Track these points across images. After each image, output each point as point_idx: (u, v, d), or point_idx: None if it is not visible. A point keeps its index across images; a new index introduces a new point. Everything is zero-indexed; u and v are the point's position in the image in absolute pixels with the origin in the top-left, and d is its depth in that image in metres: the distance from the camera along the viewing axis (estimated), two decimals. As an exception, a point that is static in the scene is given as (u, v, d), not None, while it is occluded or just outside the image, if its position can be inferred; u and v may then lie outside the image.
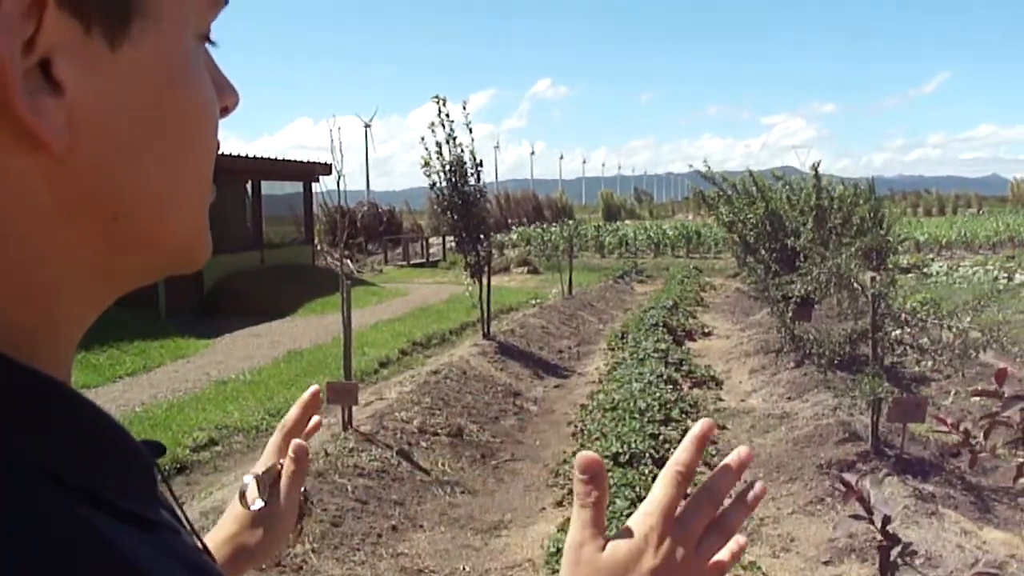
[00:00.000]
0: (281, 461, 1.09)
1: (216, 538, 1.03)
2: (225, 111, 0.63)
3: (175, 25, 0.53)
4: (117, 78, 0.49)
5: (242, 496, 1.04)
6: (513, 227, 44.92)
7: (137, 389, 11.66)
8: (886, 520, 2.54)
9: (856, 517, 2.57)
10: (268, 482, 1.06)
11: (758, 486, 0.84)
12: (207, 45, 0.60)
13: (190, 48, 0.55)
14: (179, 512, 0.65)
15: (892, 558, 2.50)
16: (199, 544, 0.65)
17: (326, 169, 25.99)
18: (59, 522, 0.45)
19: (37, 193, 0.48)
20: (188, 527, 0.65)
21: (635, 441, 7.71)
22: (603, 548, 0.79)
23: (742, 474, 0.83)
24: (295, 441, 1.09)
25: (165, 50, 0.52)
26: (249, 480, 1.05)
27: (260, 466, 1.09)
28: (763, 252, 13.46)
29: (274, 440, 1.14)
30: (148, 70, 0.51)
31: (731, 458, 0.82)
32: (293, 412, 1.15)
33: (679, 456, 0.82)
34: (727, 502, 0.83)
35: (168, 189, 0.55)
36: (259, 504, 1.03)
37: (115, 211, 0.52)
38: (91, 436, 0.51)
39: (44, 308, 0.52)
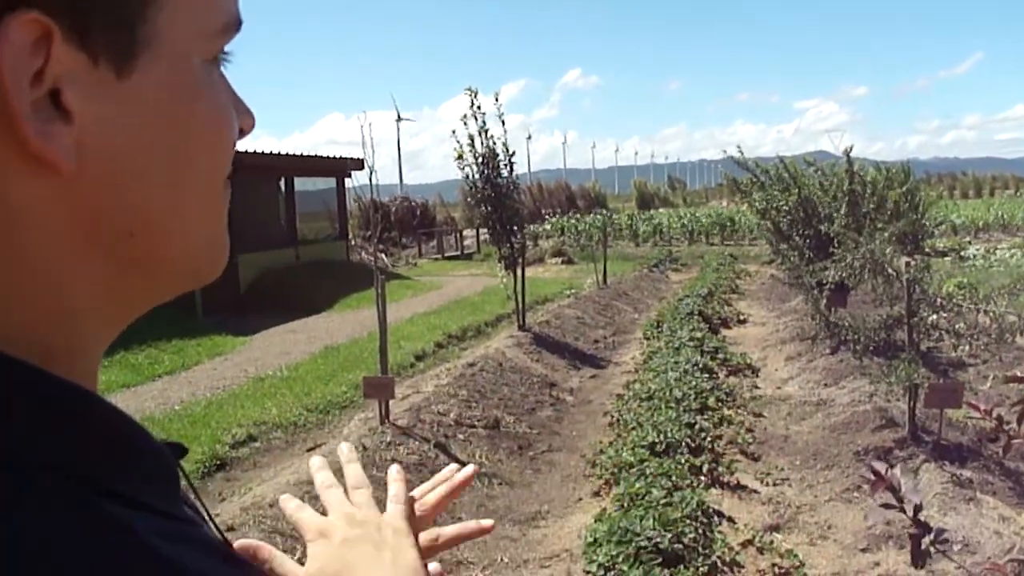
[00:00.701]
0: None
1: None
2: (242, 132, 0.65)
3: (181, 54, 0.56)
4: (124, 105, 0.53)
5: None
6: (547, 217, 44.81)
7: (176, 387, 11.78)
8: (917, 508, 2.56)
9: (886, 506, 2.58)
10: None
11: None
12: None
13: (197, 73, 0.58)
14: (202, 510, 0.69)
15: (924, 546, 2.51)
16: (222, 539, 0.68)
17: (358, 164, 26.05)
18: (92, 521, 0.48)
19: (53, 216, 0.51)
20: (213, 525, 0.68)
21: (671, 430, 7.71)
22: None
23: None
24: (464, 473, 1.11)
25: (171, 77, 0.55)
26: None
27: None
28: (797, 238, 13.40)
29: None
30: (154, 96, 0.54)
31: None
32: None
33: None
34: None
35: (180, 206, 0.58)
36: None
37: (129, 229, 0.55)
38: (117, 441, 0.54)
39: (68, 329, 0.55)
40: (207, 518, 0.68)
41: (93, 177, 0.52)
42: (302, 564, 0.78)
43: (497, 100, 13.14)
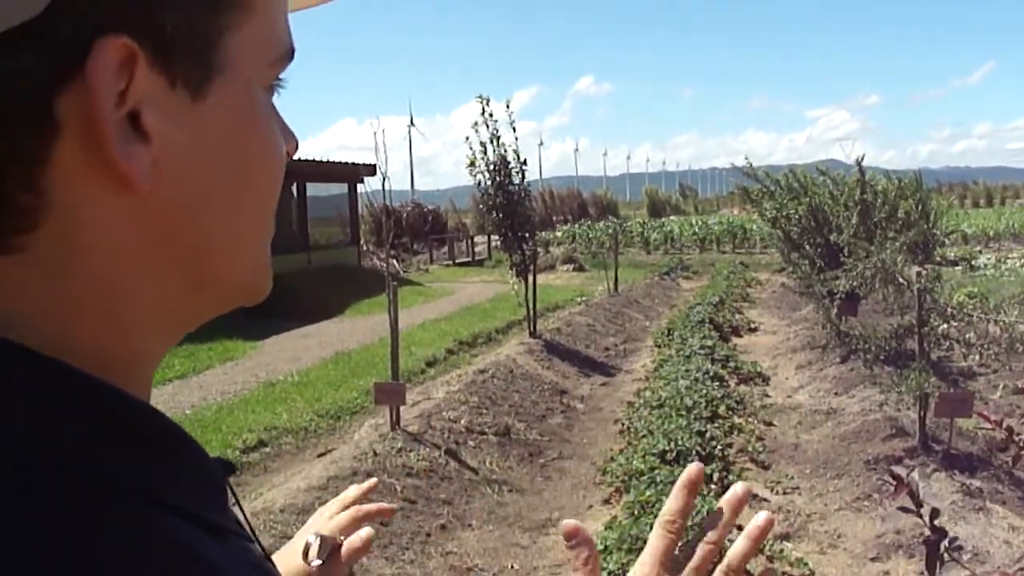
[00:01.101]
0: (342, 537, 1.17)
1: None
2: (288, 156, 0.67)
3: (248, 80, 0.58)
4: (197, 127, 0.55)
5: (306, 551, 1.12)
6: (558, 224, 44.88)
7: (187, 391, 11.82)
8: (934, 513, 2.57)
9: (905, 510, 2.59)
10: (329, 546, 1.14)
11: (762, 517, 0.88)
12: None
13: (259, 100, 0.60)
14: (246, 525, 0.70)
15: (940, 551, 2.53)
16: (264, 554, 0.71)
17: (370, 170, 26.13)
18: (160, 536, 0.50)
19: (124, 234, 0.53)
20: (255, 539, 0.70)
21: (682, 438, 7.73)
22: None
23: (741, 509, 0.89)
24: (367, 529, 1.19)
25: (239, 102, 0.58)
26: (314, 539, 1.13)
27: (317, 529, 1.18)
28: (808, 248, 13.39)
29: (330, 509, 1.24)
30: (224, 120, 0.57)
31: (726, 498, 0.90)
32: (355, 491, 1.27)
33: (668, 505, 0.89)
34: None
35: (240, 228, 0.61)
36: (318, 563, 1.11)
37: (195, 250, 0.58)
38: (181, 458, 0.56)
39: (128, 345, 0.57)
40: (248, 531, 0.70)
41: (164, 198, 0.54)
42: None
43: (508, 107, 13.17)
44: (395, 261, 27.07)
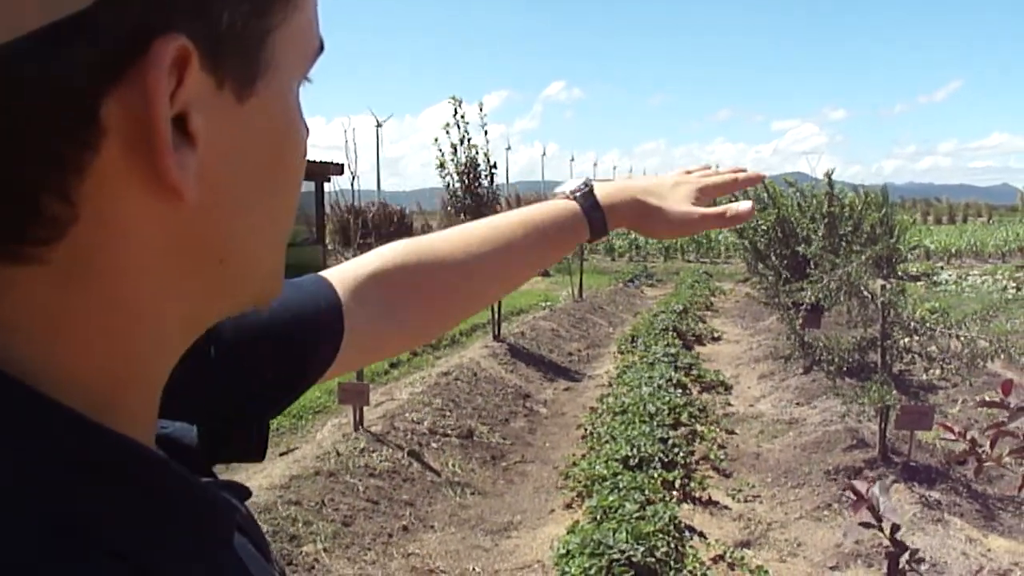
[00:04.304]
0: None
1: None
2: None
3: (287, 79, 0.56)
4: (238, 129, 0.52)
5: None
6: (523, 229, 44.71)
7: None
8: (895, 528, 2.60)
9: (866, 525, 2.62)
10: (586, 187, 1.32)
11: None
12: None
13: (295, 99, 0.58)
14: (264, 550, 0.69)
15: (901, 565, 2.56)
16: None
17: (338, 169, 26.01)
18: None
19: (155, 239, 0.50)
20: (276, 567, 0.68)
21: (645, 445, 7.75)
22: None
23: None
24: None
25: (279, 103, 0.55)
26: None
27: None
28: (773, 259, 13.48)
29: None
30: (264, 122, 0.54)
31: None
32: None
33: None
34: None
35: (266, 232, 0.59)
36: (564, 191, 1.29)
37: (222, 256, 0.55)
38: (180, 510, 0.53)
39: (145, 360, 0.54)
40: (264, 551, 0.68)
41: (197, 204, 0.50)
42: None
43: (481, 110, 13.18)
44: (360, 261, 26.93)
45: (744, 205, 1.27)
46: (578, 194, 1.24)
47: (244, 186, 0.55)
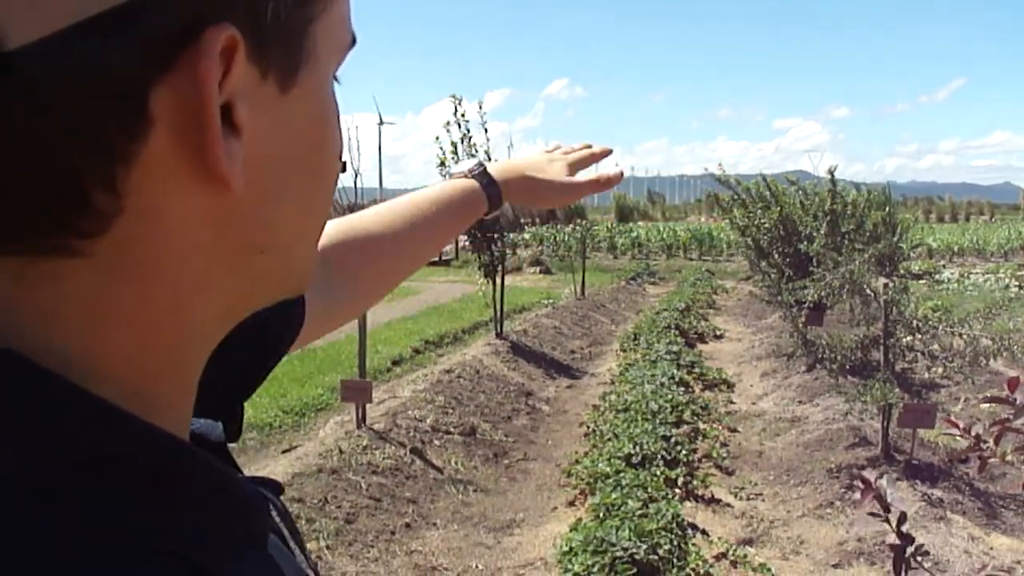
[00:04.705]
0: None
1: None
2: None
3: (326, 66, 0.56)
4: (281, 119, 0.52)
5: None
6: (526, 227, 44.78)
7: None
8: (902, 518, 2.60)
9: (874, 515, 2.62)
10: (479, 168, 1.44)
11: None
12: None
13: (332, 90, 0.58)
14: (294, 542, 0.69)
15: (907, 556, 2.56)
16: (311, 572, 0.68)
17: (341, 166, 26.02)
18: None
19: (198, 235, 0.50)
20: (304, 556, 0.68)
21: (647, 443, 7.75)
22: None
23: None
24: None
25: (318, 93, 0.56)
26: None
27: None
28: (776, 257, 13.48)
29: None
30: (304, 112, 0.54)
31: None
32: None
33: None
34: None
35: (304, 222, 0.59)
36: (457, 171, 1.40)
37: (262, 246, 0.55)
38: (208, 505, 0.52)
39: (182, 353, 0.54)
40: (299, 548, 0.68)
41: (240, 196, 0.50)
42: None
43: (481, 108, 13.16)
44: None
45: (615, 170, 1.49)
46: (475, 172, 1.37)
47: (285, 176, 0.55)
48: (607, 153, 1.57)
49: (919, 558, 2.60)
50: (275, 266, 0.57)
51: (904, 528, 2.65)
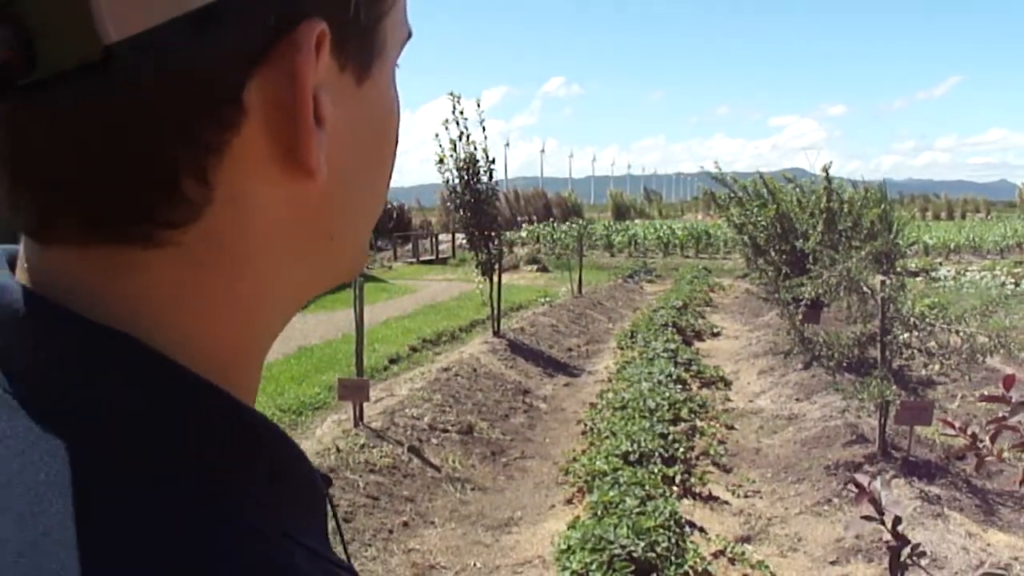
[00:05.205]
0: None
1: None
2: None
3: (392, 60, 0.58)
4: (357, 110, 0.54)
5: None
6: (523, 225, 44.88)
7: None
8: (896, 521, 2.61)
9: (868, 518, 2.62)
10: None
11: None
12: None
13: (395, 79, 0.60)
14: (341, 545, 0.71)
15: (902, 558, 2.56)
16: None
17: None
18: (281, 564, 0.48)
19: (280, 223, 0.52)
20: (347, 562, 0.70)
21: (645, 440, 7.76)
22: None
23: None
24: None
25: (388, 84, 0.58)
26: None
27: None
28: (773, 254, 13.49)
29: None
30: (375, 103, 0.56)
31: None
32: None
33: None
34: None
35: (368, 209, 0.60)
36: None
37: (332, 232, 0.57)
38: (293, 479, 0.54)
39: (259, 334, 0.56)
40: (345, 554, 0.69)
41: (318, 184, 0.52)
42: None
43: (479, 106, 13.17)
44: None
45: None
46: None
47: (357, 165, 0.56)
48: None
49: (915, 558, 2.60)
50: (340, 251, 0.59)
51: (900, 528, 2.65)
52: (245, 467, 0.50)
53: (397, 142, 0.62)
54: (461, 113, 12.94)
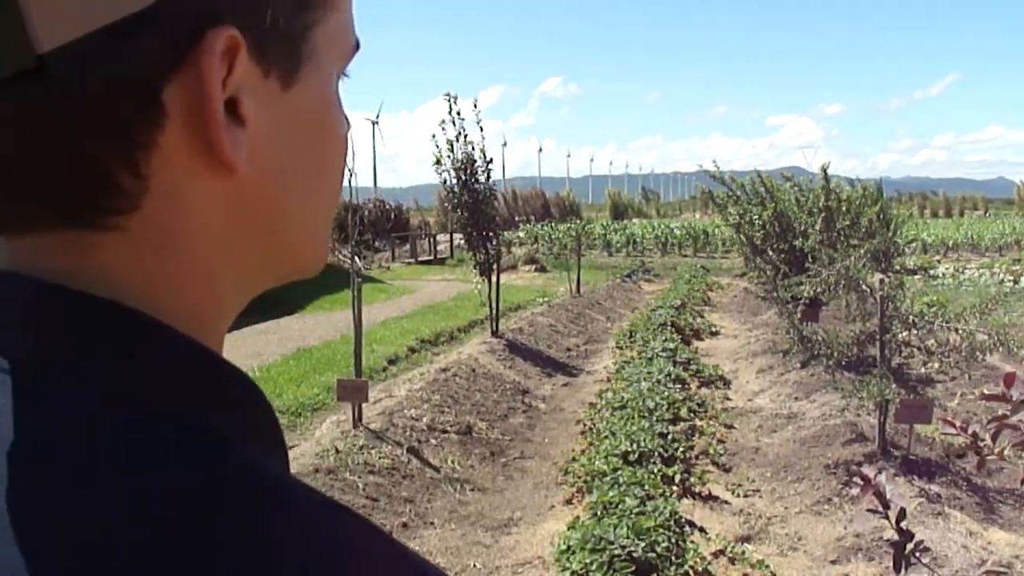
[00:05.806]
0: None
1: None
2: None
3: (328, 68, 0.62)
4: (284, 113, 0.58)
5: None
6: (521, 225, 44.87)
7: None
8: (901, 514, 2.60)
9: (873, 511, 2.62)
10: None
11: None
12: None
13: (334, 88, 0.64)
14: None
15: (906, 552, 2.55)
16: None
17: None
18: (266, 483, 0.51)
19: (216, 213, 0.57)
20: None
21: (644, 440, 7.75)
22: None
23: None
24: None
25: (322, 89, 0.62)
26: None
27: None
28: (771, 253, 13.49)
29: None
30: (307, 107, 0.61)
31: None
32: None
33: None
34: None
35: (313, 207, 0.64)
36: None
37: (273, 228, 0.61)
38: (257, 410, 0.60)
39: (217, 316, 0.61)
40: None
41: (252, 181, 0.57)
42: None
43: (476, 106, 13.18)
44: (357, 258, 26.99)
45: None
46: None
47: (291, 164, 0.61)
48: None
49: (919, 554, 2.59)
50: (287, 247, 0.64)
51: (903, 524, 2.64)
52: (234, 413, 0.56)
53: (345, 147, 0.67)
54: (458, 114, 12.96)
